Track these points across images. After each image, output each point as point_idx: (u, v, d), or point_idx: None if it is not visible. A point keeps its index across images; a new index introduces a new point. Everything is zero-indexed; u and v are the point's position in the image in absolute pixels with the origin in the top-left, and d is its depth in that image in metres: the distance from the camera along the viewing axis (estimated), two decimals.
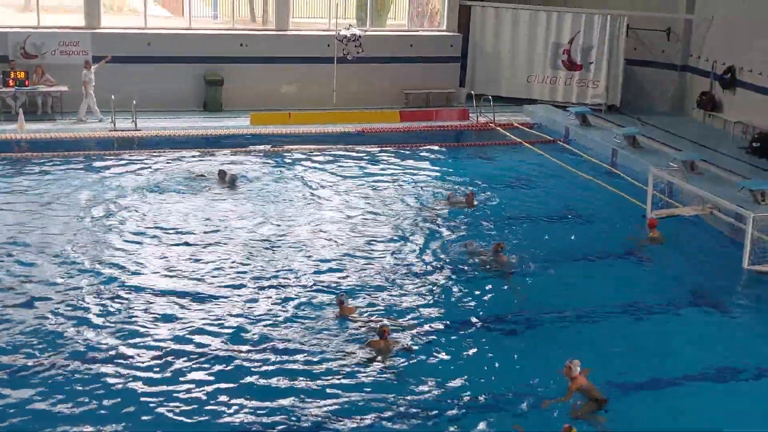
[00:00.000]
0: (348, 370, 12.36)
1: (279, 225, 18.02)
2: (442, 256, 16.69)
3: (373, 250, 16.83)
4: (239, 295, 14.61)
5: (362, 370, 12.40)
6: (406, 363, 12.65)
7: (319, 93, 28.01)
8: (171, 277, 15.18)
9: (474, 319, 14.20)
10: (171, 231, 17.37)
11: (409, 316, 14.11)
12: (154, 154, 22.79)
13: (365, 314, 13.98)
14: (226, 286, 14.92)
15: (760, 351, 13.73)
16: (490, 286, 15.38)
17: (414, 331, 13.55)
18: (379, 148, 24.31)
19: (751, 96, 25.36)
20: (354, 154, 23.75)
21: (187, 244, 16.81)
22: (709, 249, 18.00)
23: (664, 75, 28.92)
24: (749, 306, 15.80)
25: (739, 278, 16.44)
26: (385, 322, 13.51)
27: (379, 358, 12.65)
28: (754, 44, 25.10)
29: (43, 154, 22.25)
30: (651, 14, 28.52)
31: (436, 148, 24.90)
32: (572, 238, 18.20)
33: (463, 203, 19.42)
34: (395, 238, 17.53)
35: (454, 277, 15.79)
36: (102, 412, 11.27)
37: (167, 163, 22.13)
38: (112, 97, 24.24)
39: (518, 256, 16.62)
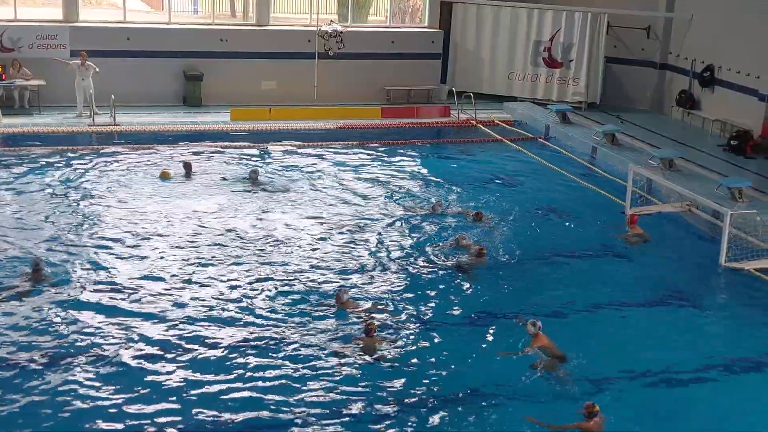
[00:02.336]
0: (330, 366, 12.31)
1: (259, 220, 17.92)
2: (427, 250, 16.64)
3: (355, 247, 16.72)
4: (216, 287, 14.56)
5: (346, 367, 12.35)
6: (391, 360, 12.64)
7: (300, 89, 27.92)
8: (144, 278, 15.05)
9: (459, 316, 14.20)
10: (142, 226, 17.28)
11: (398, 314, 14.05)
12: (134, 148, 22.63)
13: (358, 311, 13.95)
14: (210, 281, 14.87)
15: (734, 345, 13.81)
16: (472, 284, 15.37)
17: (400, 327, 13.51)
18: (360, 145, 24.26)
19: (729, 94, 25.49)
20: (333, 150, 23.68)
21: (160, 236, 16.80)
22: (687, 246, 18.09)
23: (643, 73, 29.02)
24: (725, 302, 15.91)
25: (716, 275, 16.53)
26: (372, 320, 13.42)
27: (366, 356, 12.61)
28: (733, 43, 25.23)
29: (21, 148, 22.07)
30: (631, 12, 28.59)
31: (417, 144, 24.90)
32: (552, 235, 18.22)
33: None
34: (377, 234, 17.44)
35: (440, 273, 15.74)
36: (100, 403, 11.27)
37: (144, 157, 21.98)
38: (91, 91, 24.07)
39: (495, 253, 16.63)
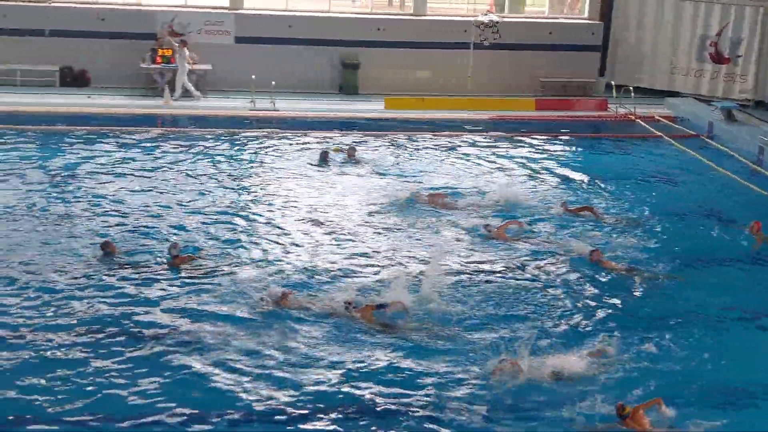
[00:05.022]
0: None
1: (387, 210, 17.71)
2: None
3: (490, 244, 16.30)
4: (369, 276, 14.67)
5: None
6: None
7: (454, 79, 27.89)
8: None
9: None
10: (294, 207, 17.53)
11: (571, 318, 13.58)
12: (290, 133, 23.16)
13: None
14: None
15: None
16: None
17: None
18: (512, 137, 24.02)
19: None
20: (486, 141, 23.54)
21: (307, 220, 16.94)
22: None
23: None
24: None
25: None
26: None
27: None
28: None
29: (184, 130, 23.02)
30: None
31: (571, 138, 24.43)
32: (709, 238, 17.44)
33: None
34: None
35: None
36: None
37: (299, 143, 22.44)
38: (253, 77, 24.82)
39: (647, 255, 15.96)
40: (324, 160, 20.49)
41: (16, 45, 25.90)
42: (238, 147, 21.88)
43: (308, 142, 22.43)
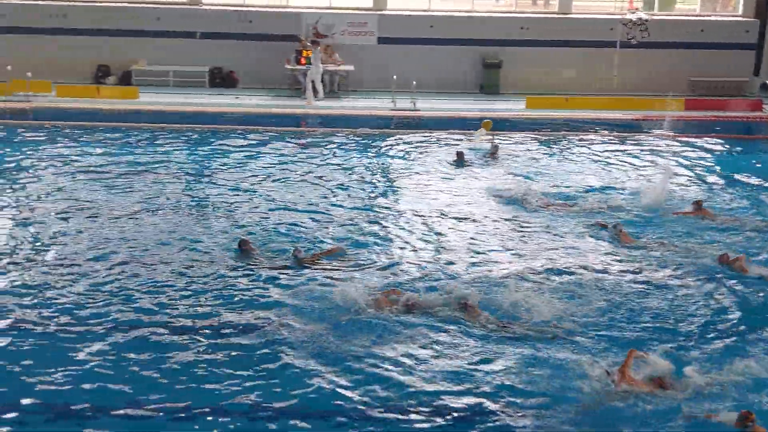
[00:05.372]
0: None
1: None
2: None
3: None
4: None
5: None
6: None
7: (599, 78, 27.25)
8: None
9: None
10: (424, 207, 17.34)
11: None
12: (430, 133, 23.17)
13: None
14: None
15: None
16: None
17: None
18: (659, 136, 23.25)
19: None
20: (631, 141, 22.88)
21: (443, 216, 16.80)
22: None
23: None
24: None
25: None
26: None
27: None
28: None
29: (327, 129, 23.39)
30: None
31: (723, 140, 23.42)
32: None
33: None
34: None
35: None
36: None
37: (437, 142, 22.40)
38: (394, 77, 24.99)
39: None
40: (460, 159, 20.39)
41: (169, 47, 27.00)
42: (376, 147, 22.04)
43: (448, 142, 22.38)
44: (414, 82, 24.94)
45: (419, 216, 16.80)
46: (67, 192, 17.56)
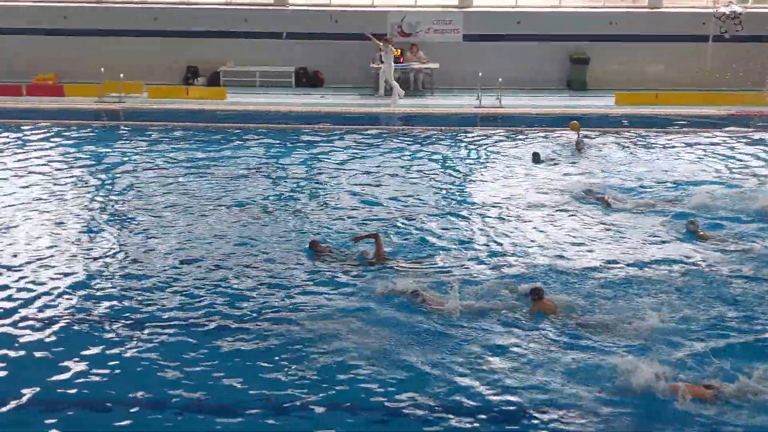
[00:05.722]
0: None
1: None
2: None
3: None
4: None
5: None
6: None
7: (689, 73, 26.58)
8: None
9: None
10: (501, 205, 17.12)
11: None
12: (514, 130, 22.94)
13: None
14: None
15: None
16: None
17: None
18: (750, 133, 22.57)
19: None
20: (724, 138, 22.21)
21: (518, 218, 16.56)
22: None
23: None
24: None
25: None
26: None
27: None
28: None
29: (412, 128, 23.36)
30: None
31: None
32: None
33: None
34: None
35: None
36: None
37: (521, 140, 22.14)
38: (479, 74, 24.83)
39: None
40: (537, 160, 20.04)
41: (256, 48, 27.37)
42: (460, 144, 21.91)
43: (533, 139, 22.12)
44: (500, 79, 24.73)
45: (496, 215, 16.60)
46: (157, 190, 17.96)
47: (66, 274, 13.65)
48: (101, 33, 27.35)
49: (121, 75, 25.31)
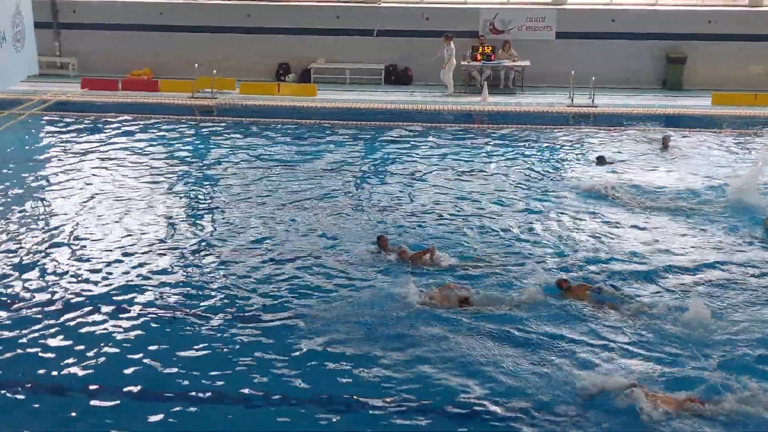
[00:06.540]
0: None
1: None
2: None
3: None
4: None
5: None
6: None
7: None
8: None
9: None
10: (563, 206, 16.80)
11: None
12: (607, 130, 22.46)
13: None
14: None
15: None
16: None
17: None
18: None
19: None
20: None
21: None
22: None
23: None
24: None
25: None
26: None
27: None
28: None
29: (501, 126, 23.07)
30: None
31: None
32: None
33: None
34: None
35: None
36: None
37: (618, 140, 21.65)
38: (572, 72, 24.43)
39: None
40: (602, 162, 19.43)
41: (346, 45, 27.46)
42: (548, 143, 21.50)
43: (622, 138, 21.65)
44: (593, 78, 24.28)
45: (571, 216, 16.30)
46: (248, 185, 18.12)
47: (150, 267, 13.85)
48: (195, 30, 27.81)
49: (214, 71, 25.68)
